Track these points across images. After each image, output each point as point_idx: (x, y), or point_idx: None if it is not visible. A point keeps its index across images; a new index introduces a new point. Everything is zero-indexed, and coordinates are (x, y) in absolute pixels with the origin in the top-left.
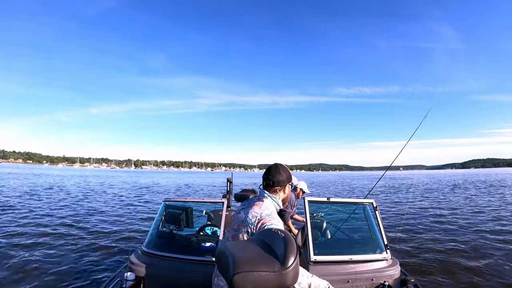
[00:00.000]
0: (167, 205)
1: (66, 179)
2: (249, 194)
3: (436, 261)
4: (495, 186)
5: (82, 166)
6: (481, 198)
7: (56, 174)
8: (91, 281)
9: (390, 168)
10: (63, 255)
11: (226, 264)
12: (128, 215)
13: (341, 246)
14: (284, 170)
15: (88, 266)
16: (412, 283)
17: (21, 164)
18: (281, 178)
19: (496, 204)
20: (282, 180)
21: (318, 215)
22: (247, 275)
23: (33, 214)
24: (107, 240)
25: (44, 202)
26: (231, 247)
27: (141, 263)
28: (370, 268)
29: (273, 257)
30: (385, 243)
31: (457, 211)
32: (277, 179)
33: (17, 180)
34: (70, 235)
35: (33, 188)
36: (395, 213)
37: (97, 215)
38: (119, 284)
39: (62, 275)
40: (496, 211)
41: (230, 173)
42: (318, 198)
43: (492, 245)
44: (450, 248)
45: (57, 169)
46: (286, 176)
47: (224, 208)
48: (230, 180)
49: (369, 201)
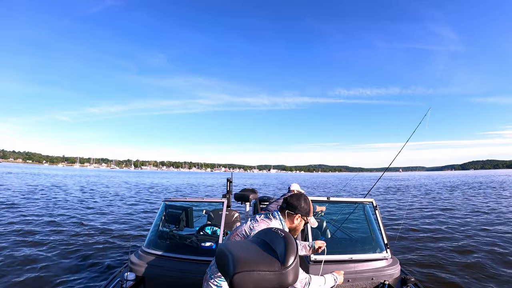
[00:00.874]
0: (167, 205)
1: (67, 179)
2: (249, 193)
3: (436, 260)
4: (495, 187)
5: (82, 166)
6: (480, 198)
7: (57, 174)
8: (91, 281)
9: (389, 169)
10: (63, 254)
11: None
12: (128, 215)
13: (341, 246)
14: (304, 201)
15: (88, 266)
16: (412, 282)
17: (21, 164)
18: (296, 204)
19: (496, 204)
20: (295, 207)
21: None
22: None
23: (33, 214)
24: (107, 239)
25: (45, 201)
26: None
27: (141, 263)
28: (370, 267)
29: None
30: (385, 242)
31: (457, 211)
32: (292, 203)
33: (18, 179)
34: (70, 235)
35: (34, 187)
36: (395, 212)
37: (97, 215)
38: (119, 284)
39: (62, 274)
40: (496, 211)
41: (230, 174)
42: (318, 197)
43: (492, 245)
44: (450, 247)
45: (57, 169)
46: (302, 206)
47: (224, 208)
48: (230, 180)
49: (369, 201)
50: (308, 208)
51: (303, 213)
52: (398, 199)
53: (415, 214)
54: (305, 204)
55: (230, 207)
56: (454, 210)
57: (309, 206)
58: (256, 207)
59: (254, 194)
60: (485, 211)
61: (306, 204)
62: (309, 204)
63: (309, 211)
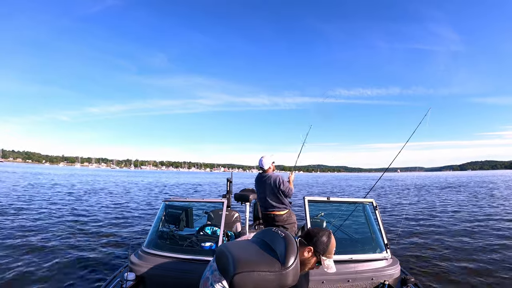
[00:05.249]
0: (167, 205)
1: (66, 179)
2: (249, 194)
3: (436, 260)
4: (493, 188)
5: (83, 166)
6: (479, 199)
7: (59, 174)
8: (91, 281)
9: (388, 170)
10: (63, 254)
11: (226, 264)
12: (128, 215)
13: (341, 246)
14: (326, 236)
15: (88, 266)
16: (412, 282)
17: (22, 164)
18: (314, 234)
19: (495, 206)
20: (311, 237)
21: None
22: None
23: (34, 214)
24: (107, 240)
25: (45, 201)
26: (231, 247)
27: (141, 263)
28: (370, 268)
29: (273, 257)
30: (385, 243)
31: (456, 212)
32: (310, 232)
33: (20, 179)
34: (70, 235)
35: (35, 187)
36: (395, 213)
37: (97, 215)
38: (119, 284)
39: (62, 274)
40: (496, 212)
41: (229, 174)
42: (318, 197)
43: (492, 244)
44: (450, 247)
45: (58, 168)
46: (320, 241)
47: (224, 208)
48: (230, 180)
49: (369, 201)
50: (327, 247)
51: (318, 248)
52: (398, 200)
53: (415, 214)
54: (325, 239)
55: (230, 207)
56: (454, 211)
57: (329, 244)
58: (256, 207)
59: (254, 194)
60: (485, 211)
61: (326, 241)
62: (329, 243)
63: (326, 249)
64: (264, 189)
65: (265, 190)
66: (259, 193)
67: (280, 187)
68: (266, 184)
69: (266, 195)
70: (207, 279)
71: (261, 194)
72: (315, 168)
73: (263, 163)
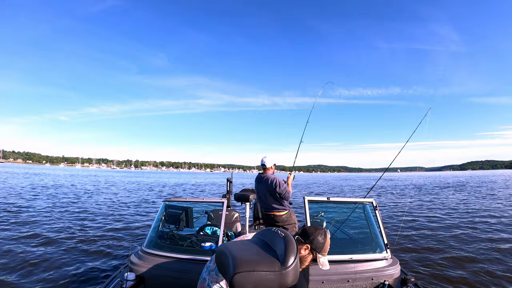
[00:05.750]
0: (167, 205)
1: (67, 179)
2: (249, 194)
3: (436, 260)
4: (493, 188)
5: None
6: (479, 199)
7: (60, 174)
8: (91, 281)
9: (388, 170)
10: (63, 254)
11: (226, 264)
12: (128, 215)
13: (341, 246)
14: (321, 235)
15: (88, 266)
16: (412, 282)
17: (23, 164)
18: (311, 233)
19: (495, 206)
20: (308, 236)
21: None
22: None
23: (34, 214)
24: (107, 240)
25: (45, 201)
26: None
27: (141, 263)
28: (370, 268)
29: (273, 256)
30: (385, 243)
31: (456, 212)
32: (307, 230)
33: (22, 179)
34: (70, 235)
35: (35, 187)
36: (395, 213)
37: (97, 215)
38: (119, 284)
39: (62, 274)
40: (496, 212)
41: (229, 174)
42: (318, 197)
43: (491, 244)
44: (450, 247)
45: (59, 169)
46: (317, 239)
47: (224, 208)
48: (230, 180)
49: (369, 201)
50: (323, 245)
51: (314, 246)
52: (397, 200)
53: (415, 214)
54: (321, 238)
55: (230, 207)
56: (454, 211)
57: (325, 242)
58: (256, 207)
59: (254, 194)
60: (485, 211)
61: (322, 239)
62: (325, 241)
63: (321, 248)
64: (263, 190)
65: (264, 190)
66: (259, 193)
67: (277, 189)
68: (265, 184)
69: (266, 195)
70: (204, 280)
71: (261, 194)
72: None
73: (265, 161)
